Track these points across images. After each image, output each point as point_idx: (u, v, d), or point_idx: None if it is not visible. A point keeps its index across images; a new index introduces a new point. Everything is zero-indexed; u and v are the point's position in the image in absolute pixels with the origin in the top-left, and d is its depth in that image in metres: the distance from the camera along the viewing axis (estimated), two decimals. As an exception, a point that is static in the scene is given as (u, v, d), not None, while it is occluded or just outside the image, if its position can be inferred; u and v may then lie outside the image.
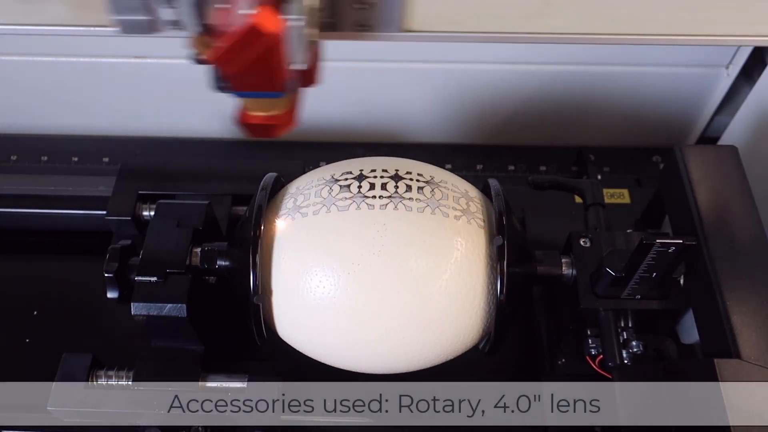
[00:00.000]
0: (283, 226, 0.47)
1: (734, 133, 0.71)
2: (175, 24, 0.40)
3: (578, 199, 0.57)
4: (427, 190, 0.46)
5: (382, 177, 0.47)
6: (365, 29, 0.42)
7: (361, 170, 0.48)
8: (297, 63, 0.36)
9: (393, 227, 0.44)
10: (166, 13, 0.40)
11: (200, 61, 0.37)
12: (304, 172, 0.52)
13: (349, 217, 0.45)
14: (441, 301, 0.45)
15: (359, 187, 0.46)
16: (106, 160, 0.76)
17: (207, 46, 0.35)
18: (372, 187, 0.46)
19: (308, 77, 0.42)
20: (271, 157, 0.76)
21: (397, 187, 0.46)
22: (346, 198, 0.46)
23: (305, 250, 0.45)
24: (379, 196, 0.45)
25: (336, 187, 0.47)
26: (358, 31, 0.42)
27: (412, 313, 0.44)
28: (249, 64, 0.34)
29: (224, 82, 0.37)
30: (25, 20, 0.43)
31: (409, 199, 0.45)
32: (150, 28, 0.41)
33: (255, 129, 0.41)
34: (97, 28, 0.42)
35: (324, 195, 0.46)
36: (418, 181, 0.47)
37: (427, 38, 0.43)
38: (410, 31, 0.42)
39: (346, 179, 0.47)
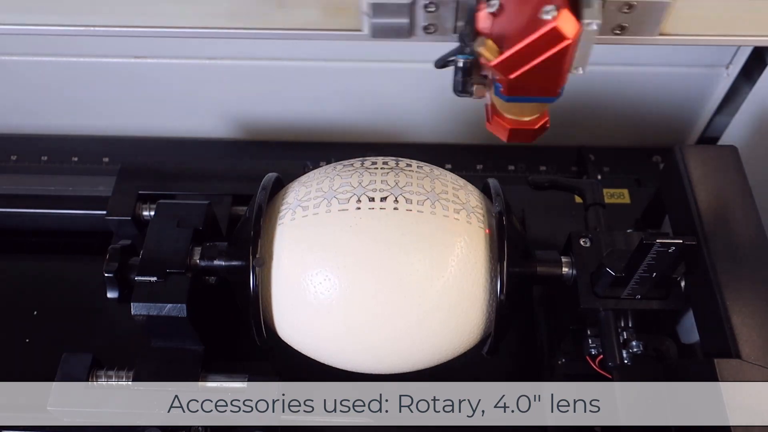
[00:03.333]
0: (283, 227, 0.47)
1: (734, 133, 0.71)
2: (429, 29, 0.40)
3: (578, 199, 0.57)
4: (427, 182, 0.47)
5: (382, 169, 0.48)
6: (623, 32, 0.41)
7: (362, 162, 0.49)
8: (580, 68, 0.35)
9: (393, 227, 0.44)
10: (422, 18, 0.40)
11: (443, 65, 0.37)
12: (304, 172, 0.52)
13: (349, 216, 0.45)
14: (441, 301, 0.45)
15: (360, 181, 0.47)
16: (106, 160, 0.76)
17: (490, 51, 0.34)
18: (373, 181, 0.46)
19: None
20: (271, 157, 0.77)
21: (397, 181, 0.46)
22: (346, 191, 0.46)
23: (305, 250, 0.45)
24: (380, 189, 0.46)
25: (337, 179, 0.47)
26: (615, 35, 0.41)
27: (412, 313, 0.44)
28: (533, 69, 0.33)
29: (499, 87, 0.36)
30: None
31: (410, 192, 0.46)
32: (405, 32, 0.40)
33: (514, 134, 0.40)
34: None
35: (325, 189, 0.47)
36: (418, 172, 0.48)
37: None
38: (668, 35, 0.42)
39: (347, 170, 0.48)
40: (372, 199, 0.45)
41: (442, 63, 0.38)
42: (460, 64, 0.38)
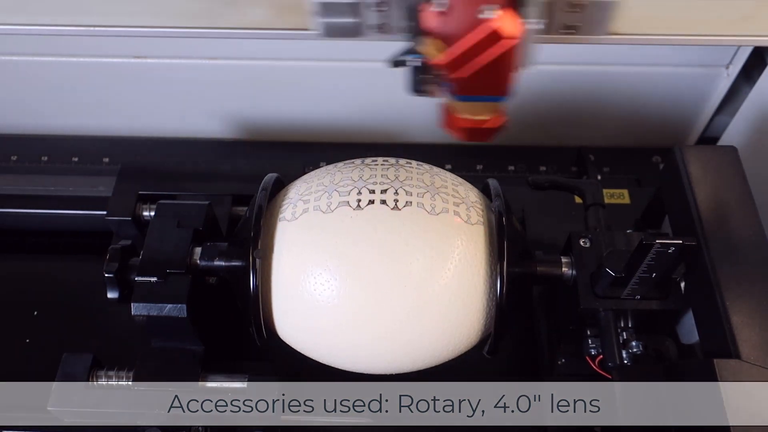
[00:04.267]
0: (284, 223, 0.47)
1: (734, 133, 0.71)
2: (381, 28, 0.40)
3: (578, 199, 0.57)
4: (426, 177, 0.47)
5: (383, 165, 0.48)
6: (573, 32, 0.41)
7: (363, 160, 0.49)
8: (526, 66, 0.35)
9: (393, 224, 0.44)
10: (372, 17, 0.40)
11: (397, 65, 0.37)
12: (304, 172, 0.52)
13: (349, 213, 0.45)
14: (441, 301, 0.45)
15: (361, 175, 0.47)
16: (106, 160, 0.76)
17: (438, 50, 0.34)
18: (373, 175, 0.47)
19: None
20: (271, 157, 0.77)
21: (397, 175, 0.47)
22: (347, 185, 0.46)
23: (305, 250, 0.45)
24: (380, 183, 0.46)
25: (338, 174, 0.47)
26: (565, 33, 0.42)
27: (412, 313, 0.44)
28: (481, 69, 0.34)
29: (450, 87, 0.36)
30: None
31: (410, 185, 0.46)
32: (356, 31, 0.41)
33: (470, 133, 0.40)
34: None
35: (326, 183, 0.47)
36: (418, 168, 0.48)
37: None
38: (617, 34, 0.42)
39: (348, 166, 0.48)
40: (372, 192, 0.45)
41: (395, 62, 0.38)
42: (414, 64, 0.38)
